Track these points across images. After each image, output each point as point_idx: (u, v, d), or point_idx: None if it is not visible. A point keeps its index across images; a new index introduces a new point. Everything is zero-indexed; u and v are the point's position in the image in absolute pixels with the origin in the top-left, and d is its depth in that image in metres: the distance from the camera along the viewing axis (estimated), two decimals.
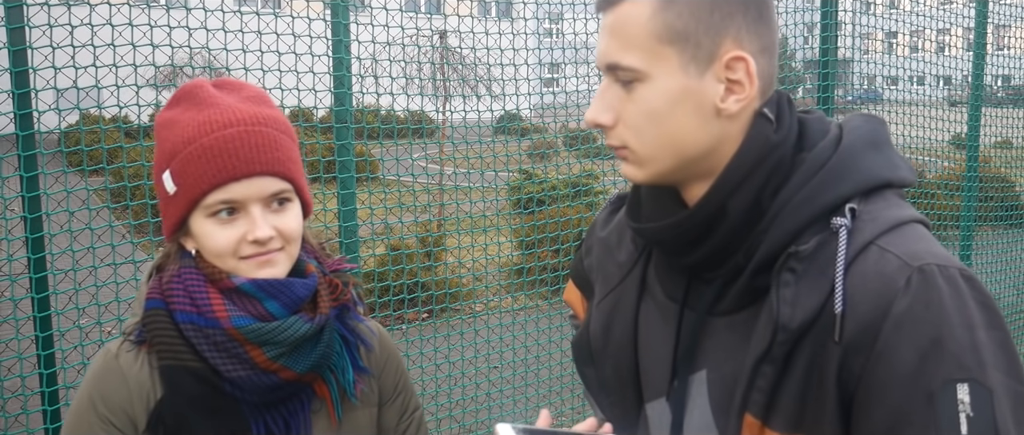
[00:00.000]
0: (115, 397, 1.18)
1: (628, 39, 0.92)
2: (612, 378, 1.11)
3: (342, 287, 1.28)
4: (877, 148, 0.95)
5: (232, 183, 1.13)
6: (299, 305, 1.19)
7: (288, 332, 1.16)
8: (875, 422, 0.84)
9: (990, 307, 0.86)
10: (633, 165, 0.97)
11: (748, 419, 0.91)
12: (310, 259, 1.27)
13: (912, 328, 0.83)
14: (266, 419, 1.19)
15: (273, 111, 1.22)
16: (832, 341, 0.86)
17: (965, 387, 0.81)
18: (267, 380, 1.17)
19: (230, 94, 1.21)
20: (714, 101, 0.93)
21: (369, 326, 1.37)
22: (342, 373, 1.26)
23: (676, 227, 0.97)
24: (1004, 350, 0.84)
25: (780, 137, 0.94)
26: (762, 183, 0.93)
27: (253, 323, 1.15)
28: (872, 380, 0.85)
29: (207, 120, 1.15)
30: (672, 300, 1.04)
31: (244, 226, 1.15)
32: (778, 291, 0.89)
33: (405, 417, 1.40)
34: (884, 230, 0.89)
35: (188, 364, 1.16)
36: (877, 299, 0.85)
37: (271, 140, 1.16)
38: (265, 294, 1.16)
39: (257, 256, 1.17)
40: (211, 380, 1.16)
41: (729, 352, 0.96)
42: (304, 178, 1.24)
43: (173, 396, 1.17)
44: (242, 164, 1.13)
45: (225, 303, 1.16)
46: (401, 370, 1.41)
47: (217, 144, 1.13)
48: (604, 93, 0.96)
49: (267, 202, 1.17)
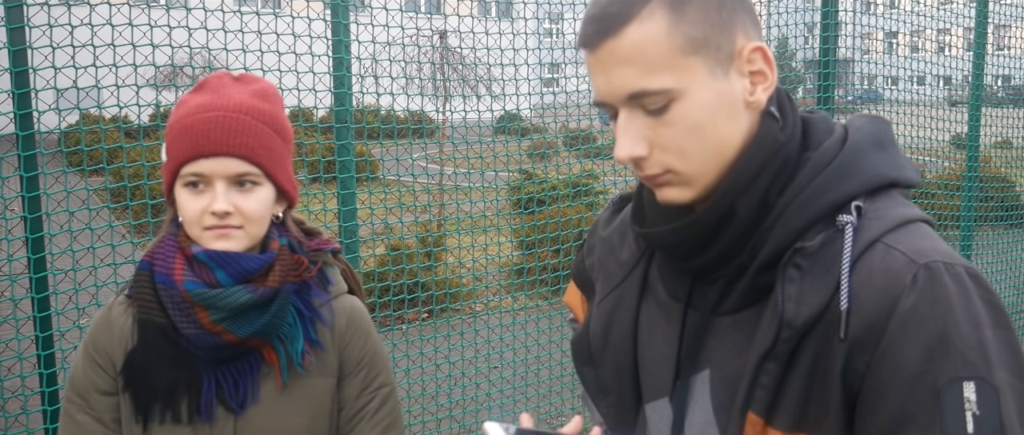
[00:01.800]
0: (102, 341, 1.39)
1: (650, 62, 0.88)
2: (611, 378, 1.10)
3: (307, 265, 1.41)
4: (882, 148, 0.95)
5: (202, 159, 1.29)
6: (247, 276, 1.32)
7: (229, 299, 1.30)
8: (880, 420, 0.84)
9: (996, 306, 0.85)
10: (679, 187, 0.93)
11: (751, 417, 0.91)
12: (281, 238, 1.40)
13: (918, 325, 0.83)
14: (217, 375, 1.35)
15: (269, 106, 1.35)
16: (837, 338, 0.86)
17: (971, 385, 0.81)
18: (212, 340, 1.32)
19: (241, 86, 1.36)
20: (743, 96, 0.92)
21: (340, 304, 1.47)
22: (291, 343, 1.38)
23: (684, 231, 0.96)
24: (1010, 349, 0.84)
25: (787, 135, 0.94)
26: (769, 182, 0.93)
27: (201, 288, 1.30)
28: (877, 378, 0.84)
29: (199, 104, 1.31)
30: (675, 300, 1.03)
31: (209, 199, 1.30)
32: (783, 288, 0.88)
33: (367, 392, 1.48)
34: (890, 228, 0.89)
35: (156, 319, 1.33)
36: (883, 296, 0.85)
37: (245, 127, 1.30)
38: (215, 264, 1.31)
39: (216, 228, 1.31)
40: (172, 335, 1.33)
41: (733, 352, 0.95)
42: (283, 170, 1.37)
43: (141, 345, 1.35)
44: (211, 143, 1.28)
45: (184, 268, 1.32)
46: (368, 347, 1.49)
47: (196, 124, 1.29)
48: (628, 125, 0.91)
49: (232, 181, 1.31)
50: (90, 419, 1.38)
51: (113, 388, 1.38)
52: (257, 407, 1.37)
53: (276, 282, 1.34)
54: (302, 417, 1.40)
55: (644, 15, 0.88)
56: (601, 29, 0.90)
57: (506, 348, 4.15)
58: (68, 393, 1.41)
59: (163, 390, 1.33)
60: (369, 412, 1.47)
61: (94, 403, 1.39)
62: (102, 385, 1.38)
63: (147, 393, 1.34)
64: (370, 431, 1.46)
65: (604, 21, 0.90)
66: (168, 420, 1.34)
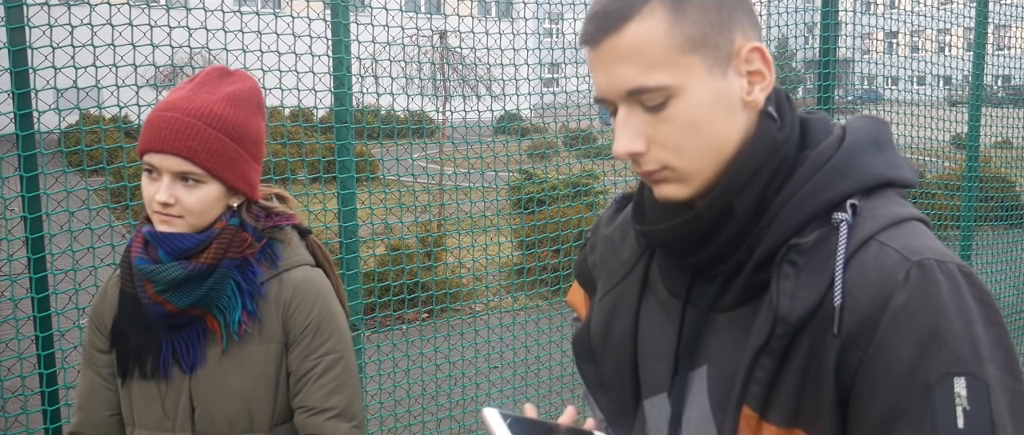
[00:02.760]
0: (98, 308, 1.66)
1: (649, 60, 0.90)
2: (611, 374, 1.11)
3: (250, 242, 1.56)
4: (879, 148, 0.96)
5: (153, 153, 1.46)
6: (182, 253, 1.50)
7: (164, 273, 1.49)
8: (872, 415, 0.85)
9: (988, 303, 0.86)
10: (676, 184, 0.95)
11: (746, 412, 0.91)
12: (231, 219, 1.55)
13: (910, 321, 0.83)
14: (173, 340, 1.55)
15: (233, 112, 1.50)
16: (831, 334, 0.87)
17: (962, 381, 0.81)
18: (158, 309, 1.52)
19: (221, 87, 1.53)
20: (741, 96, 0.93)
21: (291, 276, 1.61)
22: (229, 313, 1.54)
23: (683, 228, 0.97)
24: (1001, 346, 0.84)
25: (784, 135, 0.95)
26: (767, 181, 0.93)
27: (144, 263, 1.50)
28: (870, 373, 0.85)
29: (169, 100, 1.49)
30: (675, 297, 1.04)
31: (156, 188, 1.48)
32: (778, 284, 0.89)
33: (312, 358, 1.60)
34: (884, 226, 0.90)
35: (127, 289, 1.56)
36: (876, 293, 0.86)
37: (193, 131, 1.46)
38: (157, 242, 1.50)
39: (160, 214, 1.49)
40: (137, 303, 1.54)
41: (730, 348, 0.96)
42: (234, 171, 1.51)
43: (120, 312, 1.59)
44: (160, 141, 1.45)
45: (140, 246, 1.53)
46: (314, 317, 1.60)
47: (155, 121, 1.47)
48: (627, 121, 0.93)
49: (177, 176, 1.48)
50: (94, 373, 1.65)
51: (106, 347, 1.63)
52: (204, 369, 1.56)
53: (210, 259, 1.51)
54: (244, 379, 1.57)
55: (644, 13, 0.90)
56: (602, 26, 0.92)
57: (506, 348, 4.15)
58: (82, 353, 1.69)
59: (134, 350, 1.57)
60: (313, 376, 1.60)
61: (95, 360, 1.65)
62: (99, 344, 1.64)
63: (124, 352, 1.58)
64: (314, 394, 1.60)
65: (605, 19, 0.92)
66: (138, 376, 1.57)
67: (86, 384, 1.66)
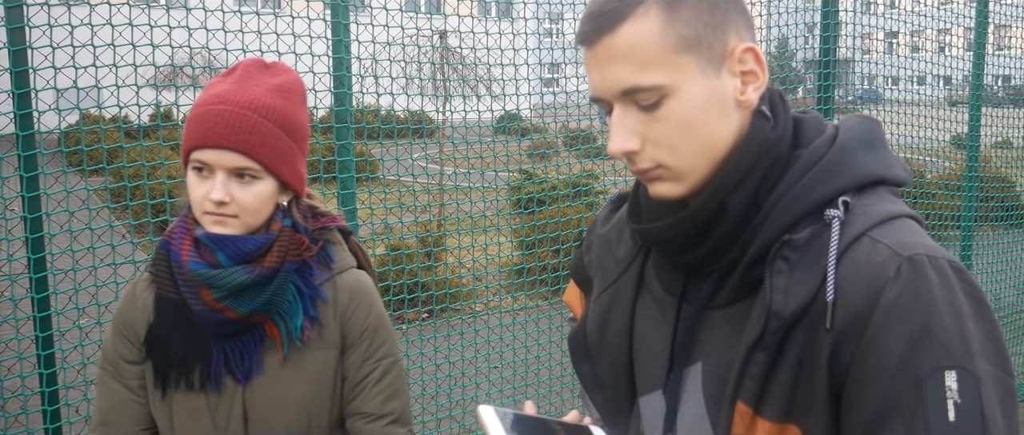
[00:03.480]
0: (127, 315, 1.52)
1: (643, 59, 0.91)
2: (607, 372, 1.12)
3: (308, 245, 1.49)
4: (871, 147, 0.97)
5: (206, 148, 1.36)
6: (244, 257, 1.41)
7: (227, 279, 1.39)
8: (864, 409, 0.86)
9: (978, 299, 0.87)
10: (670, 182, 0.96)
11: (740, 407, 0.92)
12: (284, 220, 1.47)
13: (901, 316, 0.84)
14: (225, 348, 1.45)
15: (283, 103, 1.42)
16: (823, 329, 0.88)
17: (953, 374, 0.82)
18: (215, 316, 1.41)
19: (265, 78, 1.44)
20: (734, 96, 0.94)
21: (344, 279, 1.55)
22: (291, 319, 1.47)
23: (677, 226, 0.98)
24: (991, 341, 0.85)
25: (777, 134, 0.96)
26: (760, 180, 0.95)
27: (202, 268, 1.40)
28: (862, 368, 0.86)
29: (216, 93, 1.39)
30: (670, 294, 1.05)
31: (209, 186, 1.38)
32: (771, 279, 0.90)
33: (370, 362, 1.55)
34: (876, 222, 0.91)
35: (170, 295, 1.44)
36: (867, 288, 0.86)
37: (250, 124, 1.37)
38: (216, 246, 1.40)
39: (213, 215, 1.39)
40: (183, 310, 1.43)
41: (724, 344, 0.97)
42: (287, 165, 1.43)
43: (158, 319, 1.47)
44: (214, 136, 1.36)
45: (191, 249, 1.42)
46: (371, 321, 1.56)
47: (206, 114, 1.37)
48: (622, 120, 0.94)
49: (232, 172, 1.38)
50: (120, 385, 1.52)
51: (138, 358, 1.50)
52: (261, 377, 1.47)
53: (273, 262, 1.43)
54: (304, 387, 1.49)
55: (639, 13, 0.91)
56: (598, 26, 0.93)
57: (506, 348, 4.15)
58: (101, 362, 1.54)
59: (178, 360, 1.45)
60: (371, 381, 1.54)
61: (122, 371, 1.52)
62: (128, 355, 1.51)
63: (165, 362, 1.46)
64: (372, 400, 1.54)
65: (601, 19, 0.93)
66: (183, 387, 1.46)
67: (110, 398, 1.52)
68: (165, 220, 3.33)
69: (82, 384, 2.89)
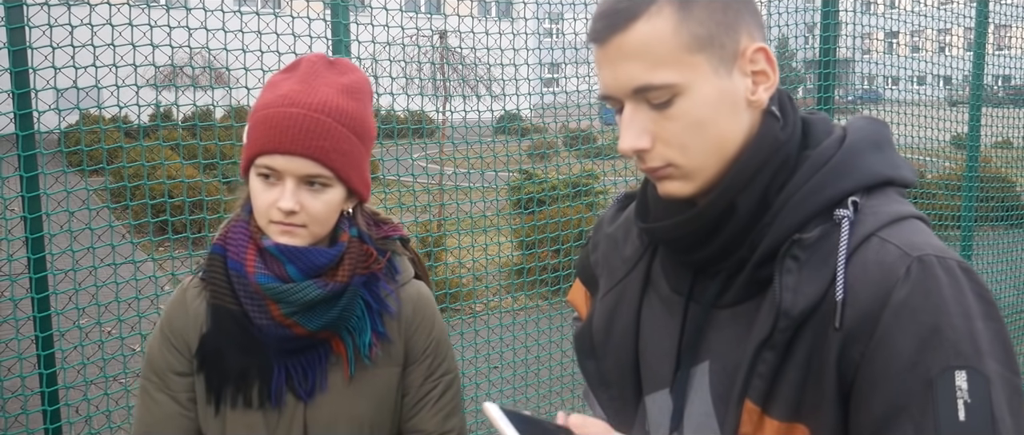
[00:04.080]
0: (178, 323, 1.41)
1: (656, 58, 0.91)
2: (613, 371, 1.12)
3: (376, 256, 1.41)
4: (879, 148, 0.97)
5: (275, 154, 1.27)
6: (316, 271, 1.32)
7: (299, 294, 1.30)
8: (874, 409, 0.86)
9: (987, 299, 0.87)
10: (679, 181, 0.96)
11: (748, 405, 0.92)
12: (350, 229, 1.40)
13: (911, 316, 0.85)
14: (287, 364, 1.36)
15: (354, 105, 1.33)
16: (832, 328, 0.88)
17: (963, 374, 0.82)
18: (282, 332, 1.33)
19: (332, 77, 1.34)
20: (745, 95, 0.95)
21: (407, 291, 1.47)
22: (359, 335, 1.39)
23: (685, 225, 0.98)
24: (1000, 341, 0.86)
25: (787, 134, 0.96)
26: (769, 179, 0.95)
27: (272, 281, 1.30)
28: (871, 367, 0.86)
29: (284, 94, 1.29)
30: (677, 293, 1.05)
31: (278, 193, 1.29)
32: (781, 278, 0.91)
33: (432, 379, 1.48)
34: (885, 223, 0.91)
35: (229, 305, 1.35)
36: (877, 288, 0.87)
37: (323, 128, 1.28)
38: (286, 258, 1.31)
39: (281, 224, 1.30)
40: (243, 323, 1.34)
41: (732, 343, 0.97)
42: (357, 171, 1.35)
43: (215, 330, 1.36)
44: (286, 141, 1.26)
45: (256, 259, 1.33)
46: (434, 336, 1.49)
47: (275, 117, 1.27)
48: (633, 118, 0.94)
49: (302, 180, 1.29)
50: (167, 398, 1.41)
51: (188, 369, 1.40)
52: (324, 396, 1.39)
53: (345, 276, 1.35)
54: (367, 405, 1.42)
55: (652, 12, 0.91)
56: (610, 24, 0.93)
57: (506, 348, 4.15)
58: (145, 372, 1.43)
59: (235, 374, 1.36)
60: (432, 399, 1.48)
61: (170, 383, 1.41)
62: (178, 366, 1.41)
63: (220, 376, 1.36)
64: (432, 418, 1.47)
65: (613, 17, 0.93)
66: (239, 404, 1.36)
67: (154, 410, 1.41)
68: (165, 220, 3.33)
69: (82, 384, 2.89)
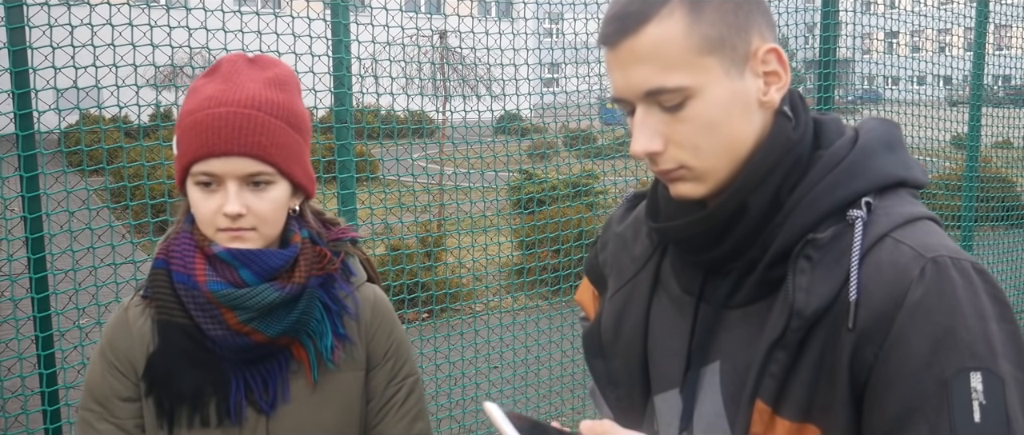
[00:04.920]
0: (121, 345, 1.32)
1: (668, 60, 0.91)
2: (621, 370, 1.12)
3: (330, 257, 1.36)
4: (892, 149, 0.97)
5: (212, 158, 1.21)
6: (272, 274, 1.27)
7: (256, 298, 1.24)
8: (888, 410, 0.86)
9: (1001, 301, 0.87)
10: (692, 183, 0.96)
11: (759, 405, 0.92)
12: (301, 230, 1.34)
13: (926, 317, 0.84)
14: (245, 375, 1.30)
15: (283, 97, 1.28)
16: (845, 329, 0.88)
17: (978, 375, 0.82)
18: (240, 341, 1.26)
19: (255, 72, 1.28)
20: (757, 96, 0.95)
21: (363, 294, 1.43)
22: (320, 339, 1.34)
23: (697, 226, 0.98)
24: (1014, 342, 0.85)
25: (799, 135, 0.96)
26: (781, 180, 0.95)
27: (226, 288, 1.24)
28: (885, 368, 0.86)
29: (210, 96, 1.23)
30: (688, 294, 1.05)
31: (221, 199, 1.23)
32: (794, 278, 0.91)
33: (395, 382, 1.44)
34: (899, 224, 0.91)
35: (178, 320, 1.28)
36: (891, 289, 0.87)
37: (258, 124, 1.22)
38: (239, 262, 1.25)
39: (229, 230, 1.25)
40: (196, 336, 1.27)
41: (743, 343, 0.97)
42: (299, 164, 1.30)
43: (164, 348, 1.29)
44: (222, 143, 1.20)
45: (206, 268, 1.26)
46: (394, 337, 1.45)
47: (206, 120, 1.21)
48: (645, 121, 0.94)
49: (244, 181, 1.24)
50: (112, 427, 1.32)
51: (135, 393, 1.32)
52: (287, 407, 1.32)
53: (302, 277, 1.29)
54: (333, 412, 1.36)
55: (663, 15, 0.91)
56: (621, 27, 0.93)
57: (506, 348, 4.15)
58: (85, 401, 1.34)
59: (190, 393, 1.28)
60: (396, 402, 1.44)
61: (115, 410, 1.32)
62: (123, 391, 1.32)
63: (172, 397, 1.28)
64: (398, 422, 1.43)
65: (624, 20, 0.92)
66: (196, 424, 1.28)
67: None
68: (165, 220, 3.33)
69: (82, 384, 2.89)
